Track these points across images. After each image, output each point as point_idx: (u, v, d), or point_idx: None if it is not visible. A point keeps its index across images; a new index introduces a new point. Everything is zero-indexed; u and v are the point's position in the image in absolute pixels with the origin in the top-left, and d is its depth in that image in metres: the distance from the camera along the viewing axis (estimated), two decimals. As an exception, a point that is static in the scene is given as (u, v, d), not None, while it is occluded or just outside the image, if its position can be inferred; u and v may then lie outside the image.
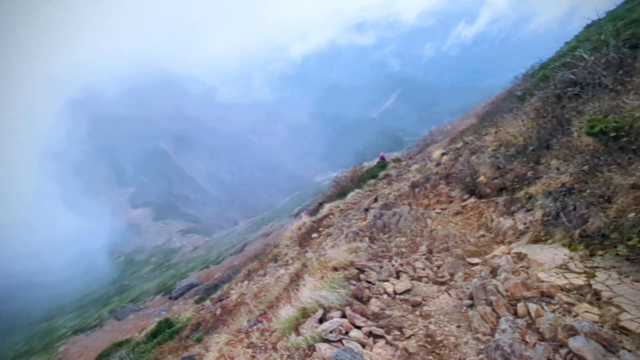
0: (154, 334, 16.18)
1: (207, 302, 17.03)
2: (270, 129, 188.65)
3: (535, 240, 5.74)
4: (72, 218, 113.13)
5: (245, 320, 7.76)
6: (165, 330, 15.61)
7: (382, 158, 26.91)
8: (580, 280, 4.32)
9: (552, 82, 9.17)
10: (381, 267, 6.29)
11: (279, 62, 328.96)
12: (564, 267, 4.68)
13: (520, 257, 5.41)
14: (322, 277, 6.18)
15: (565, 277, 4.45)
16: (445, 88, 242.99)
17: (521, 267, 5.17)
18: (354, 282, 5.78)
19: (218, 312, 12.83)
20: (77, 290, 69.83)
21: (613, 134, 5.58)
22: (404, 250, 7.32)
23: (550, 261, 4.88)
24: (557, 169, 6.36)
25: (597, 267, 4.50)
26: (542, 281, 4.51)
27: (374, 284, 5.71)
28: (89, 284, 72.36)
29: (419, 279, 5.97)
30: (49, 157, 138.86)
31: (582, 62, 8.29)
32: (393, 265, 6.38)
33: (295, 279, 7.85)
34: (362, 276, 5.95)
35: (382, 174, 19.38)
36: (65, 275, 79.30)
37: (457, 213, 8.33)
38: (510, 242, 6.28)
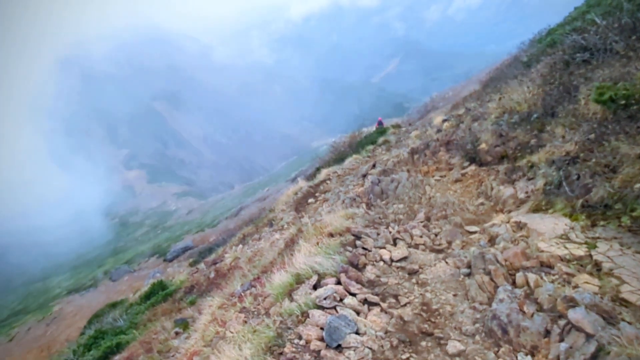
0: (147, 296, 16.23)
1: (202, 265, 17.07)
2: (269, 91, 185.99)
3: (536, 210, 5.63)
4: (65, 177, 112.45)
5: (239, 284, 7.74)
6: (159, 292, 15.64)
7: (380, 123, 26.62)
8: (580, 251, 4.22)
9: (560, 47, 8.83)
10: (378, 234, 6.18)
11: (279, 23, 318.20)
12: (565, 237, 4.58)
13: (520, 226, 5.31)
14: (318, 243, 6.08)
15: (566, 248, 4.35)
16: (449, 53, 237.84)
17: (520, 236, 5.08)
18: (349, 248, 5.68)
19: (212, 275, 12.88)
20: (71, 251, 70.55)
21: (623, 102, 5.37)
22: (401, 217, 7.22)
23: (551, 231, 4.78)
24: (562, 137, 6.17)
25: (598, 237, 4.40)
26: (542, 251, 4.41)
27: (370, 251, 5.61)
28: (84, 244, 73.01)
29: (416, 246, 5.88)
30: (40, 116, 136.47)
31: (593, 27, 7.94)
32: (390, 232, 6.28)
33: (290, 244, 7.78)
34: (358, 243, 5.84)
35: (381, 140, 19.21)
36: (59, 235, 79.73)
37: (456, 180, 8.19)
38: (510, 211, 6.16)
